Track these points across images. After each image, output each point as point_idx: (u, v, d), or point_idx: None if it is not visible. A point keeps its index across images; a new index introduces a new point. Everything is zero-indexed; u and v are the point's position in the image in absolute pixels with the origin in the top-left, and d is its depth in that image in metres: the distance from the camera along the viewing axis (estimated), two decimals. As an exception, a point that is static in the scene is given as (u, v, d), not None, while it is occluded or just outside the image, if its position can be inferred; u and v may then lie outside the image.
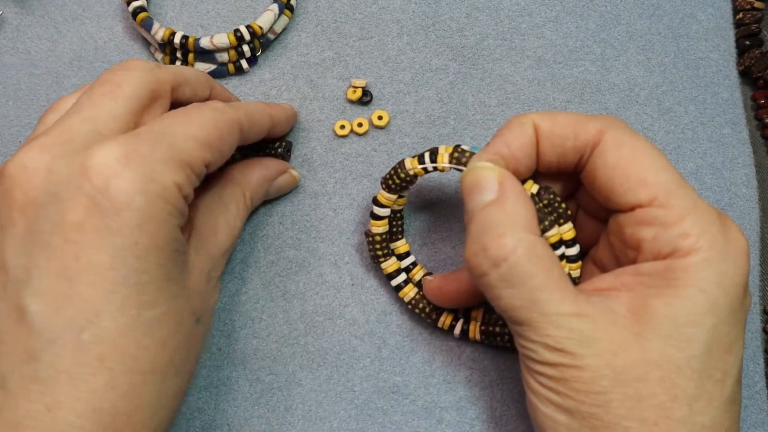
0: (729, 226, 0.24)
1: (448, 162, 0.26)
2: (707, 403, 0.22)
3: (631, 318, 0.23)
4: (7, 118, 0.35)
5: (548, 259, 0.23)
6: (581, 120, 0.25)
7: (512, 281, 0.23)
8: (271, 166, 0.32)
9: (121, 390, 0.22)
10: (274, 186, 0.32)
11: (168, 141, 0.24)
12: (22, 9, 0.37)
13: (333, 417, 0.30)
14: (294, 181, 0.33)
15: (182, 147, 0.24)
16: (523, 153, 0.25)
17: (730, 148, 0.34)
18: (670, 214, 0.23)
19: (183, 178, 0.24)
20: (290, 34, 0.36)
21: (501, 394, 0.31)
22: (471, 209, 0.24)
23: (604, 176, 0.24)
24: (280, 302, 0.32)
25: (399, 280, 0.31)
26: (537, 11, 0.36)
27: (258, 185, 0.31)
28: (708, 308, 0.22)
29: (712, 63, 0.36)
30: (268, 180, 0.32)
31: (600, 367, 0.22)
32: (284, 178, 0.32)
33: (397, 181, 0.28)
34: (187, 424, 0.30)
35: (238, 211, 0.30)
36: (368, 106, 0.35)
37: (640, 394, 0.22)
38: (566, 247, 0.26)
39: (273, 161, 0.32)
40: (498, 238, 0.23)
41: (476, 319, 0.30)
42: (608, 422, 0.22)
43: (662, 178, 0.24)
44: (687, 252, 0.23)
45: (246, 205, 0.30)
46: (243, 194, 0.30)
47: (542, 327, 0.23)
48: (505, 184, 0.24)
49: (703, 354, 0.22)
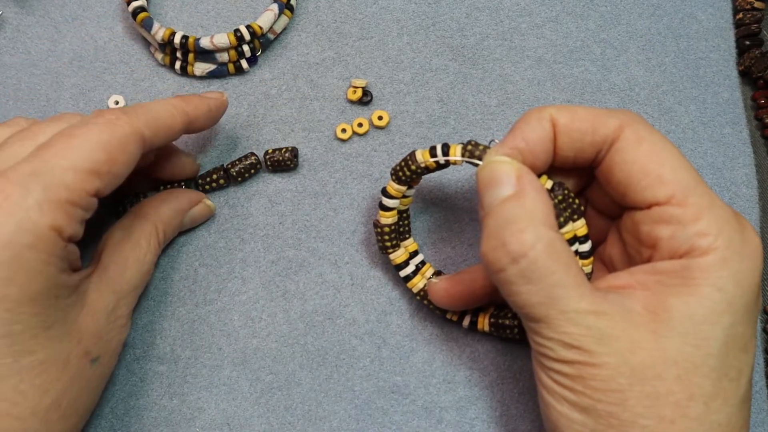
0: (745, 225, 0.24)
1: (461, 155, 0.26)
2: (723, 401, 0.22)
3: (648, 316, 0.23)
4: (7, 118, 0.35)
5: (566, 256, 0.23)
6: (600, 114, 0.25)
7: (531, 277, 0.23)
8: (183, 198, 0.31)
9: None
10: (188, 217, 0.32)
11: (43, 180, 0.23)
12: (22, 9, 0.37)
13: (333, 417, 0.30)
14: (209, 211, 0.33)
15: (61, 183, 0.23)
16: (540, 147, 0.25)
17: (731, 148, 0.34)
18: (687, 213, 0.23)
19: (63, 218, 0.23)
20: (290, 34, 0.36)
21: (501, 394, 0.31)
22: (488, 204, 0.24)
23: (621, 172, 0.24)
24: (280, 302, 0.32)
25: (408, 271, 0.30)
26: (537, 11, 0.36)
27: (170, 218, 0.31)
28: (725, 307, 0.22)
29: (712, 63, 0.36)
30: (181, 212, 0.31)
31: (617, 364, 0.22)
32: (198, 208, 0.32)
33: (407, 172, 0.28)
34: (187, 424, 0.30)
35: (149, 246, 0.29)
36: (368, 106, 0.35)
37: (658, 392, 0.22)
38: (579, 243, 0.26)
39: (186, 192, 0.32)
40: (518, 233, 0.23)
41: (485, 311, 0.30)
42: (625, 420, 0.22)
43: (680, 175, 0.24)
44: (704, 251, 0.23)
45: (158, 240, 0.30)
46: (155, 229, 0.30)
47: (560, 324, 0.23)
48: (524, 179, 0.24)
49: (720, 352, 0.22)
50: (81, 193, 0.24)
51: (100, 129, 0.25)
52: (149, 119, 0.27)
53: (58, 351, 0.24)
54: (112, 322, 0.27)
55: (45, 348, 0.24)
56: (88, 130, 0.24)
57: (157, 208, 0.31)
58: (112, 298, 0.27)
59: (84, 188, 0.24)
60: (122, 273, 0.28)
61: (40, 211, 0.23)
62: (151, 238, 0.30)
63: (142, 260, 0.29)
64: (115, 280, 0.28)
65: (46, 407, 0.24)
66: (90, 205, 0.25)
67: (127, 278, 0.28)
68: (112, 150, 0.25)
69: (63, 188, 0.23)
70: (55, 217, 0.23)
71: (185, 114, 0.29)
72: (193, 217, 0.32)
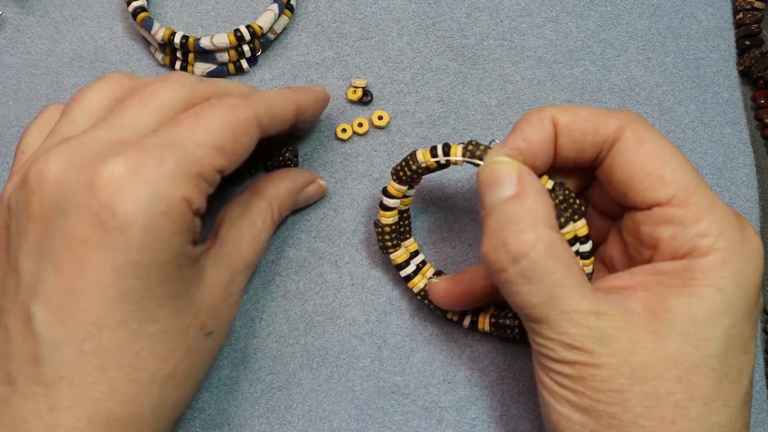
0: (745, 226, 0.24)
1: (461, 155, 0.26)
2: (724, 402, 0.22)
3: (649, 316, 0.23)
4: (7, 118, 0.35)
5: (567, 256, 0.23)
6: (601, 115, 0.25)
7: (532, 277, 0.23)
8: (300, 178, 0.32)
9: (119, 398, 0.23)
10: (302, 196, 0.32)
11: (176, 152, 0.24)
12: (22, 9, 0.37)
13: (333, 417, 0.30)
14: (322, 191, 0.33)
15: (192, 157, 0.24)
16: (541, 148, 0.25)
17: (731, 148, 0.34)
18: (688, 214, 0.23)
19: (193, 191, 0.24)
20: (290, 34, 0.36)
21: (501, 394, 0.31)
22: (489, 204, 0.24)
23: (622, 173, 0.24)
24: (280, 302, 0.32)
25: (408, 271, 0.30)
26: (537, 11, 0.36)
27: (285, 197, 0.31)
28: (726, 308, 0.22)
29: (712, 63, 0.36)
30: (296, 192, 0.31)
31: (618, 365, 0.22)
32: (312, 188, 0.32)
33: (408, 172, 0.28)
34: (187, 424, 0.30)
35: (264, 224, 0.29)
36: (368, 106, 0.35)
37: (658, 393, 0.22)
38: (580, 244, 0.26)
39: (301, 172, 0.32)
40: (519, 233, 0.23)
41: (486, 311, 0.30)
42: (626, 421, 0.22)
43: (681, 176, 0.24)
44: (705, 252, 0.23)
45: (273, 219, 0.30)
46: (270, 207, 0.30)
47: (560, 324, 0.23)
48: (524, 179, 0.24)
49: (720, 353, 0.22)
50: (209, 168, 0.24)
51: (225, 111, 0.25)
52: (267, 107, 0.27)
53: (179, 322, 0.24)
54: (227, 297, 0.27)
55: (167, 318, 0.24)
56: (214, 111, 0.25)
57: (275, 187, 0.31)
58: (228, 274, 0.27)
59: (212, 164, 0.24)
60: (238, 249, 0.28)
61: (173, 182, 0.23)
62: (267, 216, 0.30)
63: (257, 238, 0.29)
64: (232, 256, 0.28)
65: (164, 375, 0.24)
66: (215, 180, 0.25)
67: (242, 254, 0.28)
68: (237, 130, 0.25)
69: (194, 162, 0.24)
70: (187, 188, 0.23)
71: (297, 105, 0.29)
72: (306, 196, 0.32)
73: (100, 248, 0.22)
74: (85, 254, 0.22)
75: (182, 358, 0.25)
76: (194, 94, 0.26)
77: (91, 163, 0.23)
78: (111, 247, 0.22)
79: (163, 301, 0.24)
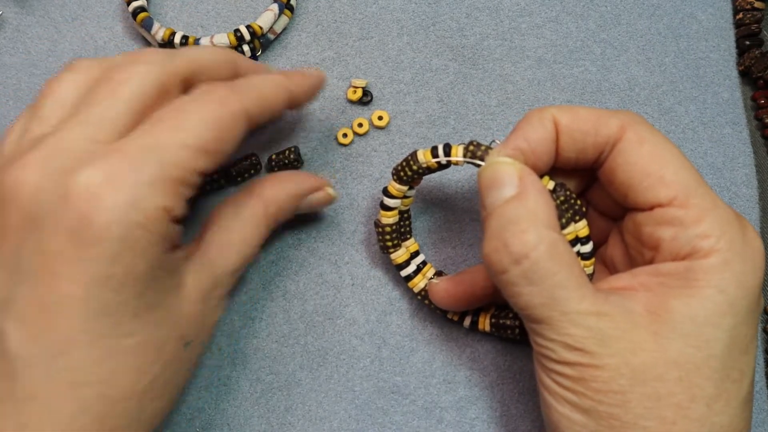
0: (746, 226, 0.24)
1: (462, 156, 0.26)
2: (725, 403, 0.22)
3: (650, 317, 0.23)
4: (7, 118, 0.35)
5: (568, 257, 0.23)
6: (602, 115, 0.25)
7: (533, 278, 0.23)
8: (305, 183, 0.30)
9: (92, 415, 0.22)
10: (306, 203, 0.30)
11: (156, 157, 0.23)
12: (22, 9, 0.37)
13: (333, 417, 0.30)
14: (329, 199, 0.30)
15: (172, 161, 0.23)
16: (542, 148, 0.25)
17: (731, 148, 0.34)
18: (689, 215, 0.23)
19: (172, 198, 0.23)
20: (290, 34, 0.36)
21: (501, 394, 0.31)
22: (490, 204, 0.24)
23: (623, 173, 0.24)
24: (280, 302, 0.32)
25: (409, 271, 0.30)
26: (537, 11, 0.36)
27: (285, 202, 0.29)
28: (727, 309, 0.22)
29: (712, 63, 0.36)
30: (298, 197, 0.29)
31: (619, 366, 0.22)
32: (318, 195, 0.30)
33: (408, 172, 0.28)
34: (187, 424, 0.30)
35: (256, 229, 0.28)
36: (368, 106, 0.35)
37: (659, 394, 0.22)
38: (581, 245, 0.26)
39: (308, 176, 0.30)
40: (520, 234, 0.23)
41: (486, 311, 0.30)
42: (627, 422, 0.22)
43: (682, 177, 0.24)
44: (707, 253, 0.23)
45: (267, 224, 0.28)
46: (266, 211, 0.28)
47: (561, 325, 0.22)
48: (526, 180, 0.24)
49: (722, 354, 0.22)
50: (190, 173, 0.23)
51: (213, 107, 0.24)
52: (256, 97, 0.26)
53: (157, 334, 0.24)
54: (208, 305, 0.26)
55: (144, 331, 0.23)
56: (201, 106, 0.24)
57: (274, 189, 0.29)
58: (210, 281, 0.26)
59: (194, 167, 0.23)
60: (223, 254, 0.27)
61: (152, 189, 0.22)
62: (261, 221, 0.28)
63: (247, 243, 0.27)
64: (216, 262, 0.26)
65: (141, 389, 0.23)
66: (196, 183, 0.24)
67: (228, 260, 0.27)
68: (222, 128, 0.24)
69: (175, 166, 0.23)
70: (166, 196, 0.23)
71: (288, 91, 0.28)
72: (311, 203, 0.30)
73: (72, 262, 0.22)
74: (59, 268, 0.22)
75: (160, 370, 0.24)
76: (165, 71, 0.25)
77: (67, 170, 0.22)
78: (85, 260, 0.21)
79: (139, 313, 0.23)
